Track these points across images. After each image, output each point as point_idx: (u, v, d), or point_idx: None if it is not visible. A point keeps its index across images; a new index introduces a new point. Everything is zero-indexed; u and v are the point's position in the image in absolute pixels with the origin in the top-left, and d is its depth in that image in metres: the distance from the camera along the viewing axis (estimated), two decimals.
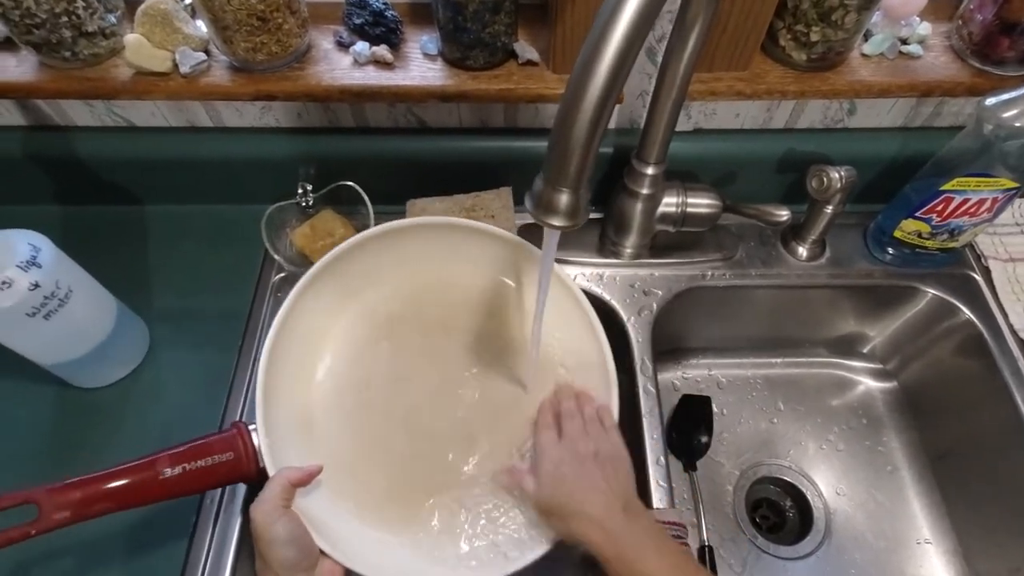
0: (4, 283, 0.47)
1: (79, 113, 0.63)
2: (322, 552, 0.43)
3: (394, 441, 0.52)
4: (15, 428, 0.57)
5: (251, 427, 0.47)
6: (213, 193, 0.69)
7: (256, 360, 0.60)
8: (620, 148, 0.65)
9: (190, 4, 0.59)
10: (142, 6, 0.55)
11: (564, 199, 0.35)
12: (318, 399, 0.53)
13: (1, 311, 0.47)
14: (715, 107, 0.63)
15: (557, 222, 0.35)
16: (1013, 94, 0.52)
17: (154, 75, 0.57)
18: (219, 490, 0.53)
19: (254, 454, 0.45)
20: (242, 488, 0.53)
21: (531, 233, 0.64)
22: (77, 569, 0.50)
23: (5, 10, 0.51)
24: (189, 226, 0.69)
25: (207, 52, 0.58)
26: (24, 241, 0.49)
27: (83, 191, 0.68)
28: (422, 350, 0.56)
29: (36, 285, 0.48)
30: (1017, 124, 0.52)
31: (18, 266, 0.48)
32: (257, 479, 0.45)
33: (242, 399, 0.58)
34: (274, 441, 0.46)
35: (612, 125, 0.66)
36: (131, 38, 0.55)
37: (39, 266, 0.49)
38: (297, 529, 0.41)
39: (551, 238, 0.40)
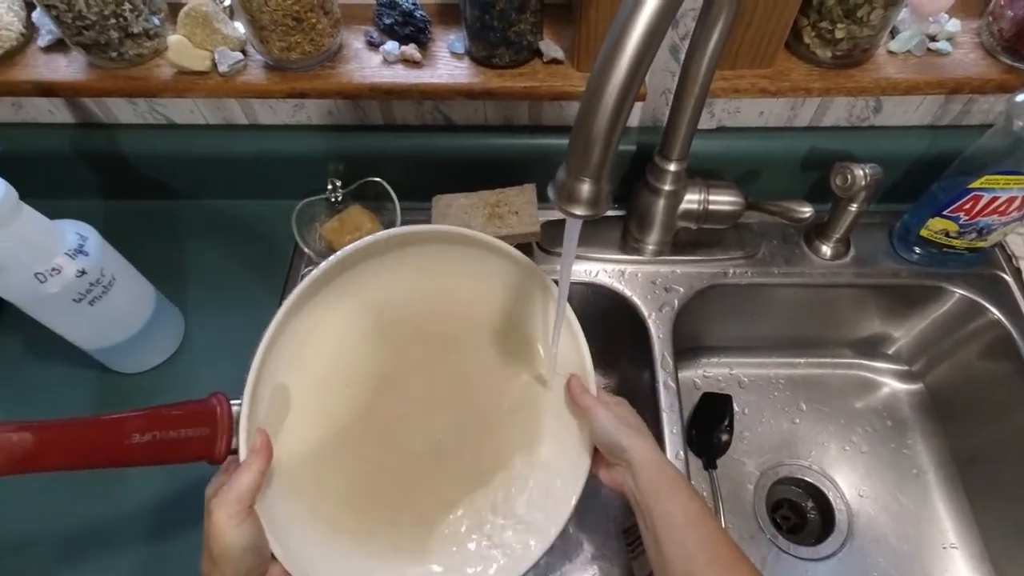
0: (53, 270, 0.50)
1: (123, 111, 0.66)
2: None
3: (365, 446, 0.49)
4: (58, 408, 0.60)
5: (233, 402, 0.42)
6: (247, 188, 0.71)
7: None
8: (643, 145, 0.65)
9: (229, 5, 0.61)
10: (184, 8, 0.57)
11: (586, 188, 0.35)
12: (297, 386, 0.48)
13: (50, 296, 0.50)
14: (739, 105, 0.64)
15: (579, 211, 0.36)
16: None
17: (194, 74, 0.60)
18: None
19: (229, 432, 0.40)
20: None
21: (555, 228, 0.65)
22: None
23: (59, 13, 0.54)
24: (223, 220, 0.72)
25: (244, 52, 0.61)
26: (72, 231, 0.52)
27: (126, 185, 0.71)
28: (415, 362, 0.52)
29: (83, 272, 0.51)
30: None
31: (66, 254, 0.50)
32: (221, 461, 0.41)
33: None
34: (252, 424, 0.41)
35: (635, 123, 0.66)
36: (174, 39, 0.58)
37: (86, 254, 0.52)
38: (259, 534, 0.37)
39: (573, 228, 0.41)
